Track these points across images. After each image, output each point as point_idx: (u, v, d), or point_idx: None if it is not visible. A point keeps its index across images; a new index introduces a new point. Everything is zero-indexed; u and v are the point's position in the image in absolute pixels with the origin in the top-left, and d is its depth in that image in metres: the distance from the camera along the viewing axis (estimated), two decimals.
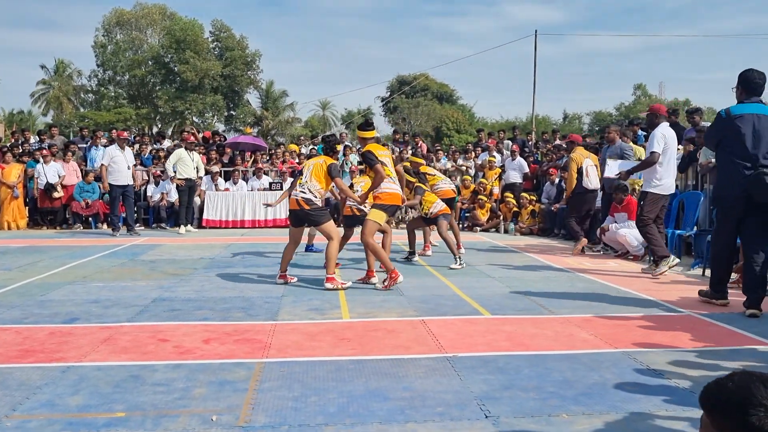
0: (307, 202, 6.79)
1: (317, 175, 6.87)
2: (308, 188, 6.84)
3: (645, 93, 65.18)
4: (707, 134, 6.27)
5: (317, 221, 6.88)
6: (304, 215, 6.86)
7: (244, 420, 3.26)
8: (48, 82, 51.35)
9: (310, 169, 6.92)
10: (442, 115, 48.97)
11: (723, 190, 5.82)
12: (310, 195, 6.82)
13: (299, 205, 6.80)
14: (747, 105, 5.68)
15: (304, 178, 6.91)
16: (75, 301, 6.14)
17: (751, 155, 5.54)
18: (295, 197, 6.83)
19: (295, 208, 6.85)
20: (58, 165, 13.83)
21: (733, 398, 1.52)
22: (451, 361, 4.24)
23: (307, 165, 7.08)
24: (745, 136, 5.56)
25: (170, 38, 44.85)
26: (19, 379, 3.89)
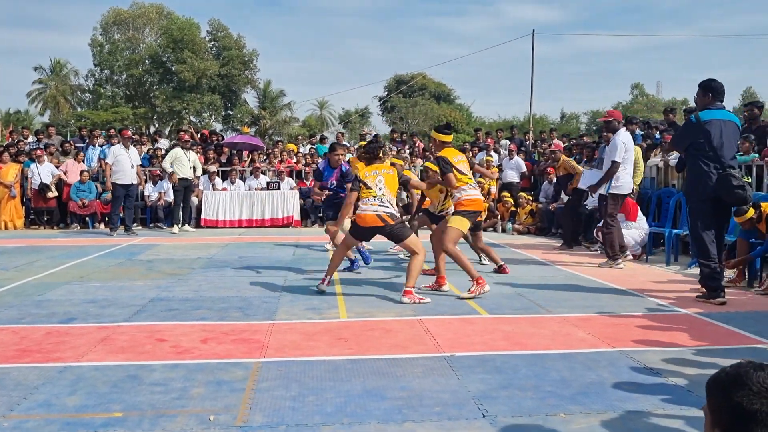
0: (392, 217, 6.25)
1: (391, 185, 6.35)
2: (387, 201, 6.29)
3: (642, 92, 65.34)
4: (677, 137, 6.65)
5: (401, 236, 6.35)
6: (389, 231, 6.28)
7: (241, 420, 3.26)
8: (45, 81, 51.25)
9: (382, 180, 6.32)
10: (440, 114, 48.90)
11: (693, 190, 6.20)
12: (392, 209, 6.30)
13: (384, 221, 6.21)
14: (714, 111, 6.10)
15: (378, 191, 6.28)
16: (72, 301, 6.13)
17: (718, 157, 6.00)
18: (376, 213, 6.22)
19: (379, 225, 6.22)
20: (52, 165, 13.80)
21: (725, 381, 1.58)
22: (448, 361, 4.25)
23: (373, 176, 6.37)
24: (714, 139, 6.00)
25: (167, 38, 44.81)
26: (16, 379, 3.88)
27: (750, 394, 1.51)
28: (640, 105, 59.44)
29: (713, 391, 1.61)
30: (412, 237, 6.37)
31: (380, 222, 6.21)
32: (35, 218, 13.88)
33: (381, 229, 6.26)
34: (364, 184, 6.36)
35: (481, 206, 6.84)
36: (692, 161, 6.20)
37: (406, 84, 49.86)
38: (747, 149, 8.52)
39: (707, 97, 6.20)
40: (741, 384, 1.54)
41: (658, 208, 9.94)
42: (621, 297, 6.43)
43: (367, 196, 6.31)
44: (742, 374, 1.55)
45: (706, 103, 6.20)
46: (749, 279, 7.04)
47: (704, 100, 6.22)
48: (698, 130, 6.09)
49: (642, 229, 9.23)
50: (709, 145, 6.02)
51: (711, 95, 6.18)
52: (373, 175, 6.40)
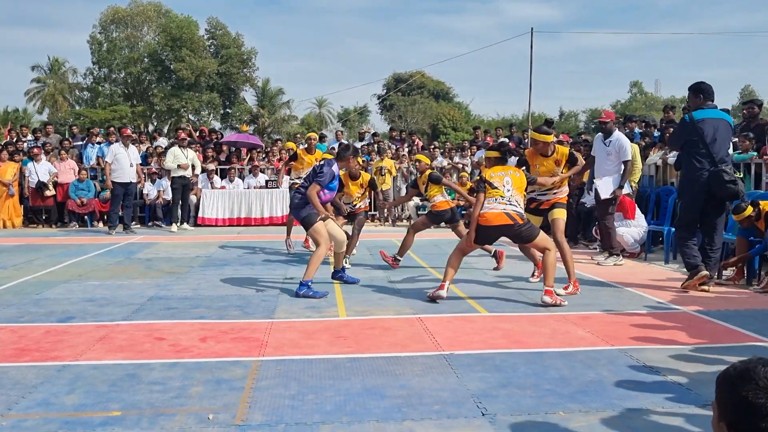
0: (521, 216, 5.98)
1: (519, 186, 6.06)
2: (516, 201, 5.99)
3: (641, 90, 65.37)
4: (673, 136, 7.04)
5: (531, 235, 6.02)
6: (517, 230, 5.93)
7: (240, 418, 3.25)
8: (43, 80, 51.19)
9: (510, 182, 6.00)
10: (439, 112, 48.95)
11: (688, 185, 6.60)
12: (520, 208, 6.01)
13: (513, 219, 5.88)
14: (707, 111, 6.48)
15: (507, 192, 5.95)
16: (70, 299, 6.13)
17: (711, 154, 6.36)
18: (504, 211, 5.86)
19: (508, 223, 5.87)
20: (50, 164, 13.78)
21: (732, 376, 1.59)
22: (448, 359, 4.24)
23: (500, 177, 6.03)
24: (707, 137, 6.37)
25: (166, 36, 44.77)
26: (15, 378, 3.87)
27: (756, 388, 1.52)
28: (638, 103, 59.47)
29: (721, 385, 1.62)
30: (541, 235, 6.04)
31: (509, 221, 5.86)
32: (33, 217, 13.86)
33: (508, 228, 5.90)
34: (486, 183, 6.02)
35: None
36: (686, 158, 6.55)
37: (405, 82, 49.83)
38: (746, 147, 8.52)
39: (699, 98, 6.57)
40: (748, 378, 1.55)
41: (657, 207, 9.94)
42: (620, 295, 6.43)
43: (496, 196, 5.96)
44: (750, 369, 1.57)
45: (698, 104, 6.56)
46: (748, 277, 7.04)
47: (696, 101, 6.59)
48: (692, 129, 6.43)
49: (641, 227, 9.23)
50: (703, 143, 6.36)
51: (702, 96, 6.55)
52: (497, 176, 6.05)
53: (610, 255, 8.48)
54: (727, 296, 6.44)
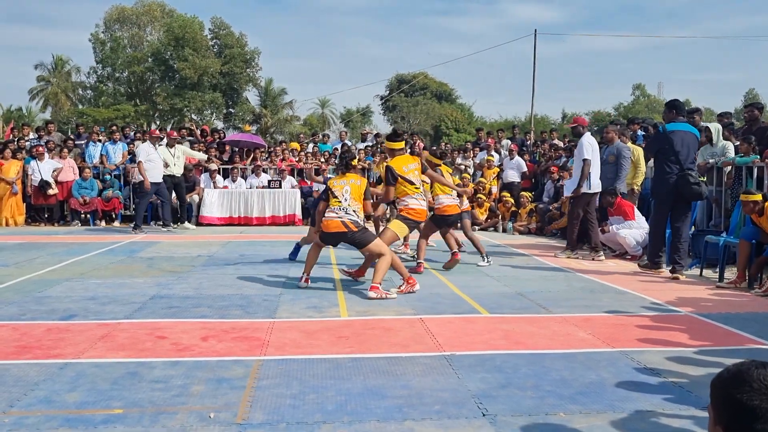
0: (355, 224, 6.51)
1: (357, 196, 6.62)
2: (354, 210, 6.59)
3: (644, 93, 65.27)
4: (649, 144, 8.14)
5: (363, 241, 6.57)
6: (351, 237, 6.54)
7: (241, 417, 3.26)
8: (46, 78, 51.28)
9: (349, 191, 6.61)
10: (441, 114, 48.95)
11: (659, 186, 7.65)
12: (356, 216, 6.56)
13: (347, 227, 6.46)
14: (678, 124, 7.60)
15: (344, 201, 6.53)
16: (72, 297, 6.14)
17: (680, 161, 7.44)
18: (341, 220, 6.49)
19: (342, 231, 6.49)
20: (53, 161, 13.80)
21: (727, 379, 1.60)
22: (448, 360, 4.25)
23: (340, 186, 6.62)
24: (676, 146, 7.45)
25: (169, 35, 44.82)
26: (16, 375, 3.88)
27: (750, 391, 1.52)
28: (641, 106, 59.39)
29: (716, 388, 1.62)
30: (376, 241, 6.60)
31: (344, 228, 6.47)
32: (35, 215, 13.88)
33: (343, 235, 6.53)
34: (332, 193, 6.63)
35: (423, 217, 7.11)
36: (659, 164, 7.63)
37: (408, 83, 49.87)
38: (747, 150, 8.52)
39: (672, 113, 7.72)
40: (742, 381, 1.55)
41: None
42: (621, 297, 6.43)
43: (334, 205, 6.57)
44: (744, 372, 1.57)
45: (671, 117, 7.69)
46: (749, 280, 7.04)
47: (669, 115, 7.73)
48: (664, 139, 7.53)
49: (643, 229, 9.22)
50: (673, 151, 7.45)
51: (675, 111, 7.70)
52: (341, 185, 6.64)
53: (566, 250, 9.30)
54: (727, 299, 6.45)
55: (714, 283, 7.31)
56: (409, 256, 8.84)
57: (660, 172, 7.61)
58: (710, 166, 9.01)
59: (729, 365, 1.63)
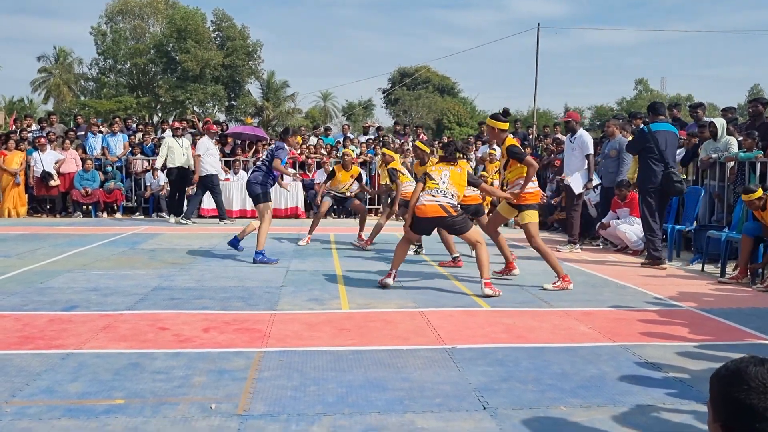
0: (455, 208, 6.27)
1: (457, 182, 6.36)
2: (451, 193, 6.30)
3: (647, 88, 65.18)
4: (632, 143, 8.49)
5: (464, 228, 6.31)
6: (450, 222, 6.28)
7: (243, 408, 3.27)
8: (49, 70, 51.23)
9: (447, 175, 6.34)
10: (444, 107, 48.90)
11: (646, 183, 8.05)
12: (454, 200, 6.31)
13: (447, 211, 6.20)
14: (660, 124, 8.13)
15: (442, 184, 6.30)
16: (74, 288, 6.15)
17: (664, 159, 7.92)
18: (439, 203, 6.20)
19: (441, 215, 6.20)
20: (55, 152, 13.81)
21: (725, 376, 1.59)
22: (449, 353, 4.25)
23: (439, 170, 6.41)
24: (661, 146, 7.93)
25: (171, 27, 44.74)
26: (19, 365, 3.90)
27: (748, 389, 1.52)
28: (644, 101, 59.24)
29: (714, 386, 1.62)
30: (473, 229, 6.34)
31: (443, 212, 6.16)
32: (37, 206, 13.90)
33: (442, 220, 6.22)
34: (429, 177, 6.35)
35: (539, 198, 6.90)
36: (644, 162, 8.06)
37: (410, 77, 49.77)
38: (750, 145, 8.50)
39: (652, 115, 8.34)
40: (740, 379, 1.54)
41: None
42: (622, 292, 6.43)
43: (431, 188, 6.28)
44: (742, 369, 1.56)
45: (652, 119, 8.26)
46: (751, 276, 7.04)
47: (652, 117, 8.31)
48: (649, 138, 8.00)
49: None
50: (657, 150, 7.91)
51: (657, 113, 8.29)
52: (440, 169, 6.40)
53: (569, 243, 9.44)
54: (729, 294, 6.45)
55: (716, 278, 7.31)
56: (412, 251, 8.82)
57: (645, 169, 8.04)
58: (713, 161, 8.99)
59: (727, 362, 1.63)
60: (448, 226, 6.36)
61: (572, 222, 9.54)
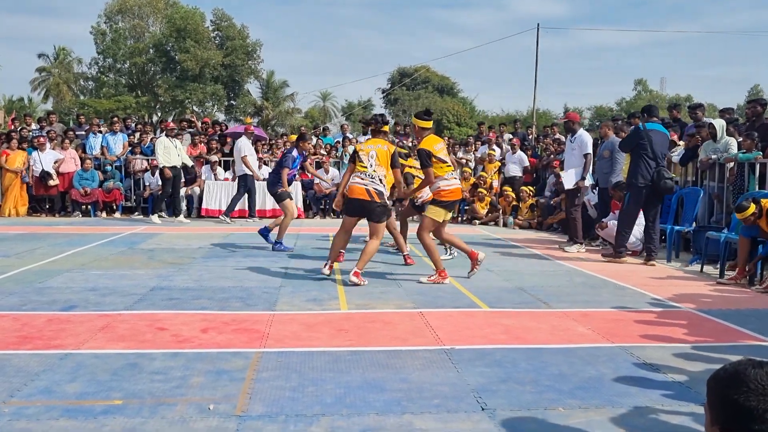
0: (379, 195, 6.45)
1: (384, 162, 6.51)
2: (379, 177, 6.46)
3: (646, 88, 65.19)
4: (626, 140, 8.68)
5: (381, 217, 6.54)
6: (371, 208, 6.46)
7: (241, 409, 3.27)
8: (48, 69, 51.21)
9: (375, 155, 6.49)
10: (443, 107, 48.85)
11: (637, 179, 8.27)
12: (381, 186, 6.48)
13: (371, 196, 6.42)
14: (653, 124, 8.45)
15: (370, 167, 6.46)
16: (73, 288, 6.15)
17: (656, 156, 8.22)
18: (365, 187, 6.43)
19: (365, 199, 6.43)
20: (54, 151, 13.80)
21: (723, 379, 1.59)
22: (448, 354, 4.25)
23: (366, 150, 6.56)
24: (653, 143, 8.21)
25: (170, 27, 44.72)
26: (17, 365, 3.89)
27: (747, 391, 1.52)
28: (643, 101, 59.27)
29: (712, 388, 1.61)
30: (384, 224, 6.63)
31: (367, 196, 6.40)
32: (36, 206, 13.89)
33: (368, 204, 6.43)
34: (358, 157, 6.57)
35: (458, 195, 6.90)
36: (636, 158, 8.30)
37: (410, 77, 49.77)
38: (750, 146, 8.50)
39: (645, 116, 8.75)
40: (738, 382, 1.54)
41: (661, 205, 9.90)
42: (621, 293, 6.43)
43: (360, 170, 6.49)
44: (740, 372, 1.56)
45: (647, 119, 8.60)
46: (750, 277, 7.04)
47: (647, 117, 8.70)
48: (643, 135, 8.28)
49: (642, 225, 9.21)
50: (650, 148, 8.18)
51: (651, 114, 8.68)
52: (368, 148, 6.57)
53: (574, 243, 9.49)
54: (727, 295, 6.45)
55: (714, 279, 7.31)
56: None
57: (637, 166, 8.28)
58: (712, 162, 8.99)
59: (725, 365, 1.63)
60: (369, 210, 6.49)
61: (574, 222, 9.61)
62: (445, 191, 6.68)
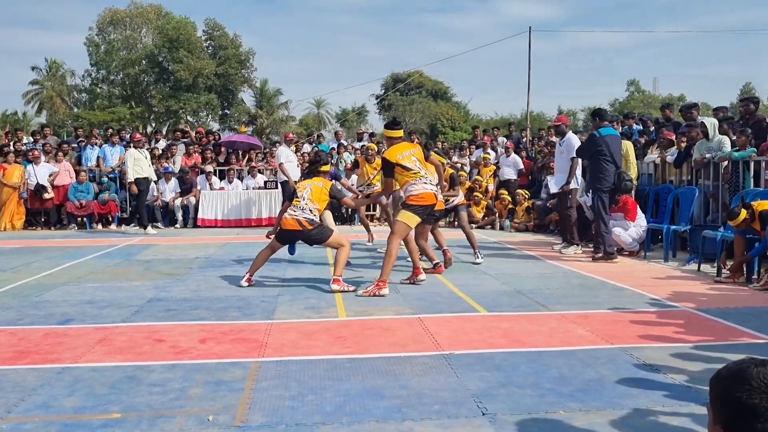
0: (310, 222, 6.75)
1: (317, 197, 6.88)
2: (310, 209, 6.81)
3: (638, 89, 65.41)
4: (584, 147, 9.02)
5: (322, 238, 6.84)
6: (307, 234, 6.79)
7: (240, 420, 3.25)
8: (41, 82, 51.15)
9: (309, 191, 6.90)
10: (437, 112, 48.97)
11: (599, 182, 8.65)
12: (312, 215, 6.80)
13: (302, 225, 6.71)
14: (607, 129, 8.82)
15: (303, 200, 6.84)
16: (70, 301, 6.12)
17: (614, 160, 8.62)
18: (296, 218, 6.73)
19: (297, 229, 6.73)
20: (49, 164, 13.77)
21: (726, 378, 1.58)
22: (447, 359, 4.24)
23: (302, 187, 7.03)
24: (611, 148, 8.60)
25: (163, 37, 44.72)
26: (14, 380, 3.87)
27: (750, 389, 1.51)
28: (636, 101, 59.51)
29: (714, 387, 1.61)
30: (333, 236, 6.87)
31: (298, 226, 6.69)
32: (32, 219, 13.84)
33: (299, 233, 6.75)
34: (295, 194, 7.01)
35: (430, 200, 6.67)
36: (596, 163, 8.66)
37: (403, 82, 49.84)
38: (744, 143, 8.52)
39: (598, 120, 8.95)
40: (741, 380, 1.53)
41: (656, 205, 9.93)
42: (619, 293, 6.43)
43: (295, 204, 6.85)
44: (743, 370, 1.55)
45: (598, 124, 8.85)
46: (747, 275, 7.05)
47: (597, 123, 8.90)
48: (600, 142, 8.61)
49: (641, 227, 9.23)
50: (608, 152, 8.57)
51: (600, 119, 8.93)
52: (303, 185, 7.04)
53: (570, 245, 9.52)
54: (726, 294, 6.45)
55: (712, 278, 7.31)
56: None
57: (598, 170, 8.64)
58: (707, 161, 9.01)
59: (728, 363, 1.62)
60: (305, 238, 6.84)
61: (567, 224, 9.64)
62: (414, 196, 6.60)
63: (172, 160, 14.81)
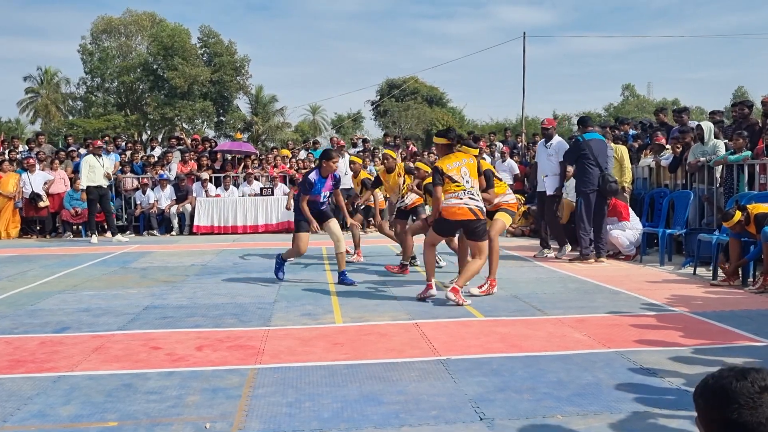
0: (482, 212, 6.12)
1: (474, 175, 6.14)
2: (477, 193, 6.09)
3: (633, 93, 65.54)
4: (569, 152, 9.24)
5: (483, 235, 6.24)
6: (475, 227, 6.12)
7: (237, 427, 3.24)
8: (35, 90, 51.07)
9: (467, 172, 6.07)
10: (433, 117, 48.98)
11: (585, 186, 8.89)
12: (481, 202, 6.14)
13: (476, 215, 6.08)
14: (591, 134, 9.06)
15: (467, 183, 6.04)
16: (65, 310, 6.10)
17: (599, 164, 8.84)
18: (467, 206, 6.05)
19: (470, 218, 6.08)
20: (44, 172, 13.75)
21: (712, 398, 1.58)
22: (444, 364, 4.24)
23: (456, 168, 6.07)
24: (595, 152, 8.83)
25: (157, 45, 44.71)
26: (10, 389, 3.85)
27: (739, 408, 1.52)
28: (631, 106, 59.62)
29: (702, 408, 1.61)
30: (486, 241, 6.27)
31: (472, 215, 6.05)
32: (27, 227, 13.81)
33: (471, 223, 6.08)
34: (449, 177, 6.09)
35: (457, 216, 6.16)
36: (582, 167, 8.91)
37: (399, 88, 49.89)
38: (740, 146, 8.54)
39: (582, 127, 9.26)
40: (728, 400, 1.54)
41: (651, 209, 9.96)
42: (616, 297, 6.44)
43: (454, 190, 6.05)
44: (726, 387, 1.55)
45: (584, 130, 9.13)
46: (743, 278, 7.06)
47: (582, 129, 9.21)
48: (584, 147, 8.89)
49: (636, 229, 9.26)
50: (593, 156, 8.81)
51: (585, 125, 9.20)
52: (456, 167, 6.09)
53: (563, 246, 9.69)
54: (722, 297, 6.46)
55: (708, 281, 7.33)
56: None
57: (583, 174, 8.88)
58: (701, 165, 9.04)
59: (706, 378, 1.62)
60: (472, 230, 6.17)
61: (551, 227, 9.88)
62: (445, 208, 6.17)
63: (167, 167, 14.82)
